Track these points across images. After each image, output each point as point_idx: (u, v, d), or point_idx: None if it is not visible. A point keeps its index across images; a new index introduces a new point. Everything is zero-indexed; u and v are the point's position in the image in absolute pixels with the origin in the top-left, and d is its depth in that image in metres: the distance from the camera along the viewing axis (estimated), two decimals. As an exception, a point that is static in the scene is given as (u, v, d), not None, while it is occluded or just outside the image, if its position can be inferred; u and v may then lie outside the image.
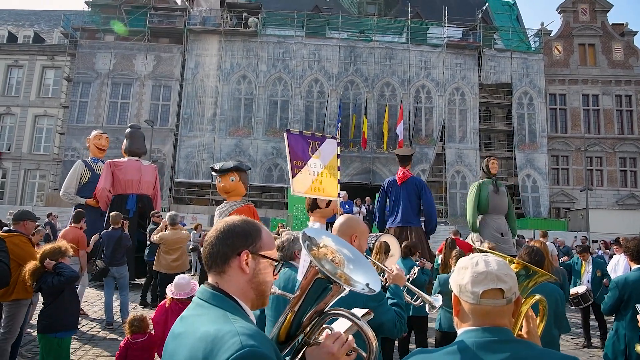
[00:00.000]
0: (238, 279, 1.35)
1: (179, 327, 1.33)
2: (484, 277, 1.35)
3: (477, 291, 1.35)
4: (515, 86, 27.97)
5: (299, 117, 27.10)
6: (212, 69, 27.45)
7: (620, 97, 29.01)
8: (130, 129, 11.04)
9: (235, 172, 6.01)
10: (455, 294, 1.43)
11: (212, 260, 1.37)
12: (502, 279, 1.35)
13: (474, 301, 1.35)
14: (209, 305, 1.30)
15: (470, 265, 1.40)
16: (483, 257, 1.41)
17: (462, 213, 26.82)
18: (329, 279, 1.37)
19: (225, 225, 1.39)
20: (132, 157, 10.48)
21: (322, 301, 1.44)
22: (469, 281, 1.37)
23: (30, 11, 35.26)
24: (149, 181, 10.46)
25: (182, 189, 26.42)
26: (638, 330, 3.43)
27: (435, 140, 27.25)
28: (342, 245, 1.55)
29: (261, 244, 1.40)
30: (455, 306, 1.44)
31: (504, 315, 1.36)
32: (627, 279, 3.74)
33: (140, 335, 4.04)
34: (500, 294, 1.34)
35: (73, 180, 10.26)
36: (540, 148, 27.63)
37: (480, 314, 1.35)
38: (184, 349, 1.22)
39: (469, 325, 1.38)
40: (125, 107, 27.45)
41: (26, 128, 28.81)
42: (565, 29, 29.76)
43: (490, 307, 1.34)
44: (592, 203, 25.61)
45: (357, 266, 1.48)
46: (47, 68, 29.43)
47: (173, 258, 7.25)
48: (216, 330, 1.18)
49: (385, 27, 28.86)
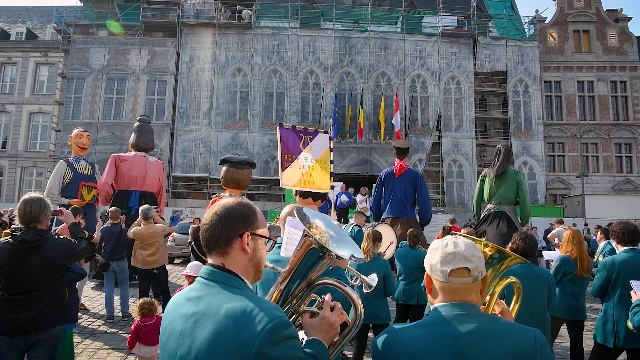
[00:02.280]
0: (240, 259, 1.43)
1: (191, 307, 1.36)
2: (452, 257, 1.46)
3: (445, 270, 1.46)
4: (511, 74, 27.99)
5: (295, 109, 27.11)
6: (207, 62, 27.38)
7: (615, 83, 29.06)
8: (138, 122, 10.56)
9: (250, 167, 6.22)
10: (428, 273, 1.54)
11: (214, 243, 1.43)
12: (469, 259, 1.46)
13: (443, 279, 1.47)
14: (221, 284, 1.37)
15: (441, 246, 1.52)
16: (452, 239, 1.53)
17: (459, 201, 27.04)
18: (322, 248, 1.49)
19: (223, 208, 1.45)
20: (138, 152, 10.12)
21: (314, 271, 1.56)
22: (438, 261, 1.49)
23: (22, 7, 35.04)
24: (153, 178, 10.10)
25: (179, 184, 26.46)
26: (625, 309, 3.53)
27: (432, 130, 27.31)
28: (329, 226, 1.65)
29: (257, 224, 1.48)
30: (428, 284, 1.56)
31: (471, 291, 1.48)
32: (614, 260, 3.84)
33: (149, 319, 4.29)
34: (467, 273, 1.46)
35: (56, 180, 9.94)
36: (537, 135, 27.72)
37: (449, 290, 1.48)
38: (207, 326, 1.27)
39: (439, 301, 1.50)
40: (121, 102, 27.39)
41: (21, 125, 28.74)
42: (560, 15, 29.74)
43: (458, 284, 1.46)
44: (588, 189, 25.77)
45: (341, 243, 1.60)
46: (40, 64, 29.30)
47: (148, 253, 7.08)
48: (242, 307, 1.27)
49: (379, 17, 28.80)
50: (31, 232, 3.28)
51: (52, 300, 3.36)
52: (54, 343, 3.42)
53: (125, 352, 5.68)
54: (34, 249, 3.26)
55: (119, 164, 9.72)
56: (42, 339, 3.31)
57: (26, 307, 3.24)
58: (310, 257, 1.53)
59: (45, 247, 3.29)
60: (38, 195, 3.45)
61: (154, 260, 7.12)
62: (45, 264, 3.31)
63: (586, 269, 4.64)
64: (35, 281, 3.29)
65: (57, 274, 3.41)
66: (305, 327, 1.49)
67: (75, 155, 10.49)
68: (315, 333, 1.46)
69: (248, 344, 1.21)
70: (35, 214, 3.31)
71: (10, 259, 3.21)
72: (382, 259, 5.01)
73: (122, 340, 6.16)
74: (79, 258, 3.73)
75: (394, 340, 1.47)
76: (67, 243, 3.50)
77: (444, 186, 26.77)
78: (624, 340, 3.69)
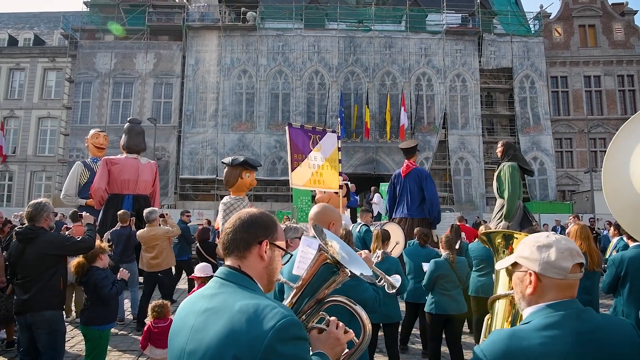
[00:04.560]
0: (256, 264, 1.49)
1: (205, 303, 1.40)
2: (569, 253, 1.44)
3: (567, 266, 1.43)
4: (516, 70, 27.85)
5: (301, 110, 27.15)
6: (213, 64, 27.49)
7: (622, 77, 28.83)
8: (129, 123, 10.32)
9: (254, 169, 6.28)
10: (536, 270, 1.46)
11: (235, 246, 1.49)
12: (580, 254, 1.46)
13: (561, 276, 1.43)
14: (236, 285, 1.42)
15: (552, 242, 1.47)
16: (551, 234, 1.52)
17: (467, 199, 26.96)
18: (336, 263, 1.54)
19: (248, 215, 1.53)
20: (129, 155, 9.86)
21: (325, 287, 1.60)
22: (556, 257, 1.43)
23: (30, 13, 35.34)
24: (146, 181, 9.82)
25: (187, 186, 26.59)
26: (634, 305, 3.53)
27: (438, 128, 27.24)
28: (344, 249, 1.70)
29: (277, 235, 1.54)
30: (534, 283, 1.47)
31: (577, 287, 1.48)
32: (623, 257, 3.83)
33: (162, 321, 4.33)
34: (579, 268, 1.46)
35: (73, 182, 9.85)
36: (545, 130, 27.56)
37: (566, 287, 1.44)
38: (219, 321, 1.31)
39: (550, 299, 1.45)
40: (128, 105, 27.58)
41: (30, 130, 29.01)
42: (565, 10, 29.54)
43: (573, 280, 1.45)
44: (597, 185, 25.53)
45: (353, 264, 1.64)
46: (48, 70, 29.55)
47: (151, 256, 7.02)
48: (256, 304, 1.31)
49: (383, 16, 28.77)
50: (27, 228, 4.04)
51: (43, 286, 3.96)
52: (49, 326, 3.95)
53: (136, 354, 5.73)
54: (28, 242, 3.98)
55: (110, 167, 9.44)
56: (36, 321, 3.92)
57: (25, 291, 3.96)
58: (324, 272, 1.58)
59: (38, 240, 3.98)
60: (39, 201, 4.20)
61: (157, 263, 7.05)
62: (38, 254, 3.96)
63: (597, 264, 4.63)
64: (30, 269, 3.98)
65: (48, 263, 4.01)
66: (313, 342, 1.53)
67: (93, 156, 10.42)
68: (321, 348, 1.50)
69: (258, 339, 1.23)
70: (33, 215, 4.06)
71: (15, 251, 4.05)
72: (393, 258, 5.02)
73: (132, 343, 6.22)
74: (72, 250, 4.30)
75: (522, 347, 1.38)
76: (60, 237, 4.31)
77: (451, 184, 26.69)
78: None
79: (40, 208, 4.09)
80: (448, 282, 4.93)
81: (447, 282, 4.93)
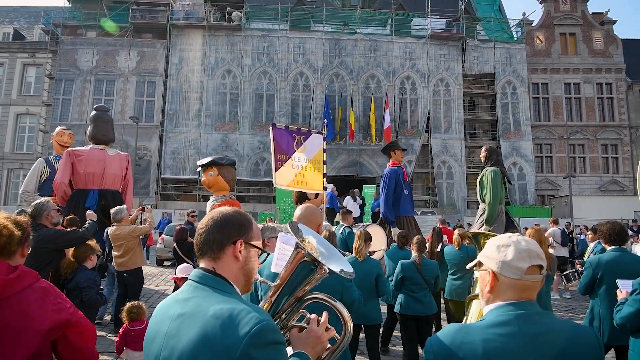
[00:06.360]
0: (231, 265, 1.44)
1: (178, 308, 1.36)
2: (528, 254, 1.45)
3: (522, 267, 1.44)
4: (499, 76, 28.27)
5: (285, 111, 27.11)
6: (197, 63, 27.30)
7: (601, 85, 29.48)
8: (95, 111, 9.34)
9: (213, 166, 6.02)
10: (492, 269, 1.49)
11: (208, 247, 1.43)
12: (541, 257, 1.47)
13: (516, 276, 1.44)
14: (210, 288, 1.37)
15: (511, 242, 1.49)
16: (516, 235, 1.52)
17: (449, 202, 27.22)
18: (314, 260, 1.50)
19: (220, 215, 1.47)
20: (95, 146, 8.91)
21: (304, 285, 1.57)
22: (513, 257, 1.45)
23: (10, 8, 34.67)
24: (114, 174, 8.90)
25: (169, 185, 26.32)
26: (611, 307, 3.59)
27: (421, 131, 27.47)
28: (321, 243, 1.67)
29: (252, 235, 1.49)
30: (491, 282, 1.50)
31: (536, 289, 1.48)
32: (601, 259, 3.91)
33: (138, 323, 4.20)
34: (538, 270, 1.46)
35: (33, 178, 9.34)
36: (526, 136, 28.01)
37: (521, 288, 1.45)
38: (193, 327, 1.27)
39: (506, 299, 1.47)
40: (109, 103, 27.10)
41: (8, 127, 28.39)
42: (547, 18, 30.10)
43: (531, 282, 1.45)
44: (576, 190, 26.08)
45: (331, 259, 1.61)
46: (28, 65, 28.98)
47: (117, 255, 6.81)
48: (230, 309, 1.26)
49: (369, 19, 28.93)
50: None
51: None
52: None
53: (114, 355, 5.64)
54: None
55: (74, 160, 8.55)
56: None
57: None
58: (302, 270, 1.54)
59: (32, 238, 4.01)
60: (40, 201, 4.53)
61: (122, 263, 6.77)
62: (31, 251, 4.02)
63: (549, 267, 4.71)
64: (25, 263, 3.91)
65: (40, 259, 4.18)
66: (293, 340, 1.50)
67: (57, 154, 9.95)
68: (302, 347, 1.46)
69: (233, 345, 1.20)
70: (35, 214, 4.41)
71: None
72: (374, 259, 5.03)
73: (110, 344, 6.10)
74: (64, 242, 4.52)
75: (465, 341, 1.42)
76: (51, 231, 4.50)
77: (434, 187, 26.92)
78: (608, 337, 3.76)
79: (41, 207, 4.45)
80: (413, 284, 4.94)
81: (413, 284, 4.95)
